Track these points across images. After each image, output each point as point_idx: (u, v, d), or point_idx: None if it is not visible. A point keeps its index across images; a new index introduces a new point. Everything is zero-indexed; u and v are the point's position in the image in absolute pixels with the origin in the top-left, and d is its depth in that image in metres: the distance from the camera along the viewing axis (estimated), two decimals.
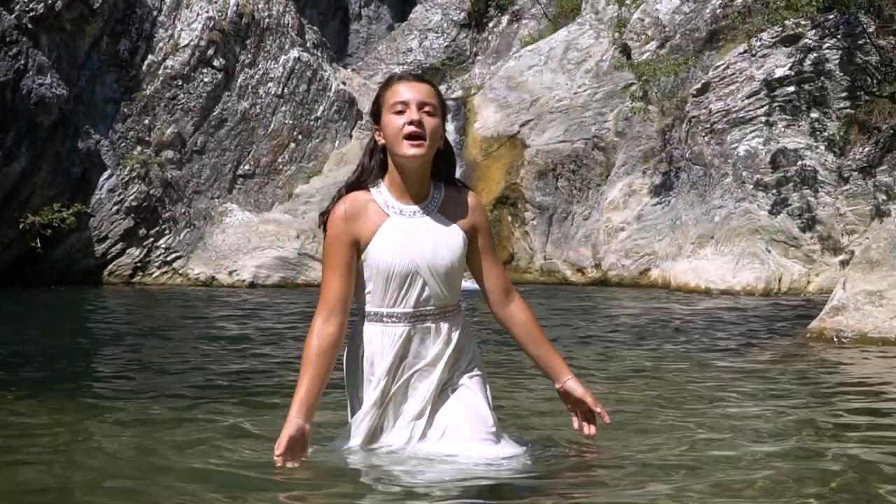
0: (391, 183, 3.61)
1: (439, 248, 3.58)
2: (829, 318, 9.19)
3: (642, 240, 17.70)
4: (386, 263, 3.54)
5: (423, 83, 3.64)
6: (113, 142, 18.22)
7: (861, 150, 15.98)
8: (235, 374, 7.67)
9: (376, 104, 3.66)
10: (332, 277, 3.54)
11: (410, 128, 3.50)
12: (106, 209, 18.06)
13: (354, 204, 3.57)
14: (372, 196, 3.59)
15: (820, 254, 15.91)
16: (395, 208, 3.59)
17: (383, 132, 3.59)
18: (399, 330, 3.59)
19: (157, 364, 8.21)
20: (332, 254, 3.55)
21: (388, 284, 3.55)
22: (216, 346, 9.51)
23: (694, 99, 17.32)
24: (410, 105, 3.53)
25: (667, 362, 8.34)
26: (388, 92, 3.61)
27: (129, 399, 6.36)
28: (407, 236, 3.56)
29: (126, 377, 7.54)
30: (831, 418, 5.99)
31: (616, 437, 5.08)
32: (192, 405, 6.12)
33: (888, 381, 7.38)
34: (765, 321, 11.62)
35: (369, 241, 3.55)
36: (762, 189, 16.34)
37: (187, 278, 18.24)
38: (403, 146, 3.51)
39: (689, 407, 6.36)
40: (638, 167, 18.46)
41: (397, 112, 3.53)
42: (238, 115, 19.27)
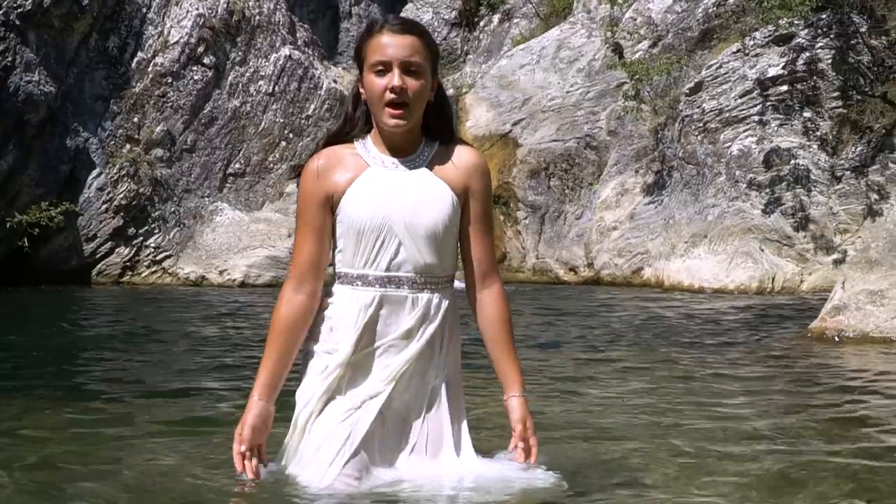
0: (375, 136, 3.28)
1: (421, 206, 3.16)
2: (830, 317, 9.16)
3: (635, 239, 17.65)
4: (357, 217, 3.17)
5: (409, 35, 3.19)
6: (102, 140, 18.06)
7: (853, 149, 15.98)
8: (223, 377, 7.59)
9: (357, 57, 3.30)
10: (302, 240, 3.23)
11: (391, 95, 3.14)
12: (94, 208, 17.91)
13: (330, 157, 3.24)
14: (354, 148, 3.27)
15: (813, 253, 15.89)
16: (378, 159, 3.23)
17: (364, 89, 3.26)
18: (369, 295, 3.17)
19: (140, 368, 8.12)
20: (304, 214, 3.22)
21: (359, 242, 3.17)
22: (204, 348, 9.41)
23: (687, 98, 17.29)
24: (393, 66, 3.14)
25: (663, 364, 8.29)
26: (368, 45, 3.21)
27: (110, 401, 6.27)
28: (385, 189, 3.17)
29: (109, 380, 7.44)
30: (833, 418, 5.95)
31: (609, 439, 5.02)
32: (172, 412, 6.03)
33: (890, 382, 7.34)
34: (763, 321, 11.58)
35: (343, 193, 3.21)
36: (755, 188, 16.31)
37: (177, 278, 18.10)
38: (384, 115, 3.18)
39: (690, 410, 6.30)
40: (630, 166, 18.42)
41: (378, 72, 3.16)
42: (228, 114, 19.14)
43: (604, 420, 5.75)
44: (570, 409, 6.17)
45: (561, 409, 6.12)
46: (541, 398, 6.74)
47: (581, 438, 4.93)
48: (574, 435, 4.95)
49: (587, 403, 6.45)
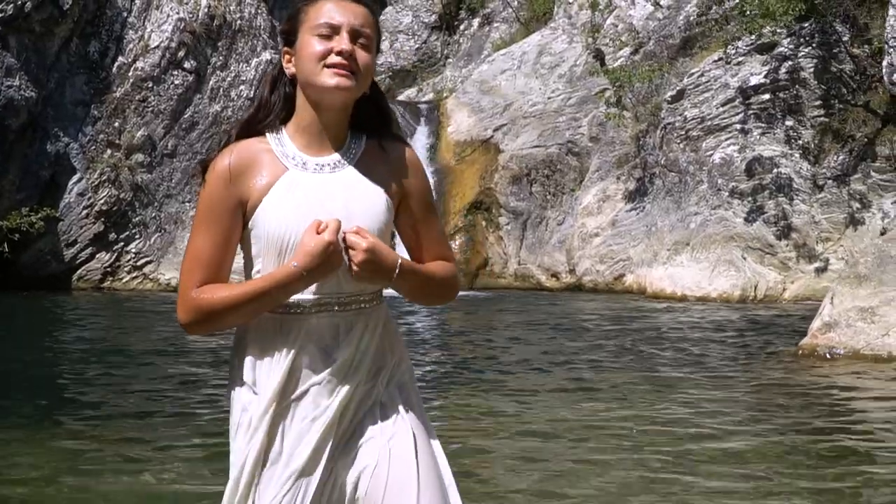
0: (296, 129, 2.63)
1: (352, 214, 2.59)
2: (821, 334, 9.23)
3: (617, 245, 17.72)
4: (279, 231, 2.55)
5: (360, 4, 2.67)
6: (83, 145, 17.94)
7: (835, 158, 16.10)
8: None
9: (291, 22, 2.65)
10: (204, 241, 2.57)
11: (337, 58, 2.56)
12: (75, 213, 17.79)
13: (243, 155, 2.58)
14: (268, 144, 2.62)
15: (795, 261, 16.00)
16: (298, 160, 2.61)
17: (297, 58, 2.60)
18: (297, 322, 2.58)
19: (118, 383, 8.07)
20: (208, 217, 2.56)
21: (281, 259, 2.55)
22: (177, 365, 9.37)
23: (669, 106, 17.36)
24: (341, 30, 2.59)
25: (654, 385, 8.31)
26: (311, 8, 2.62)
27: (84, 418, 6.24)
28: (308, 196, 2.59)
29: (84, 394, 7.40)
30: (824, 438, 6.00)
31: (597, 458, 5.05)
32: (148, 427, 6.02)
33: (881, 401, 7.41)
34: (752, 335, 11.65)
35: (259, 202, 2.57)
36: (737, 196, 16.41)
37: (158, 283, 18.02)
38: (323, 74, 2.55)
39: (683, 431, 6.34)
40: (612, 172, 18.48)
41: (321, 35, 2.58)
42: (209, 118, 19.05)
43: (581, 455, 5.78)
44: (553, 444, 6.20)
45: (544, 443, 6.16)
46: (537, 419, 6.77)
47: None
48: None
49: (571, 433, 6.48)
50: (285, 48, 2.64)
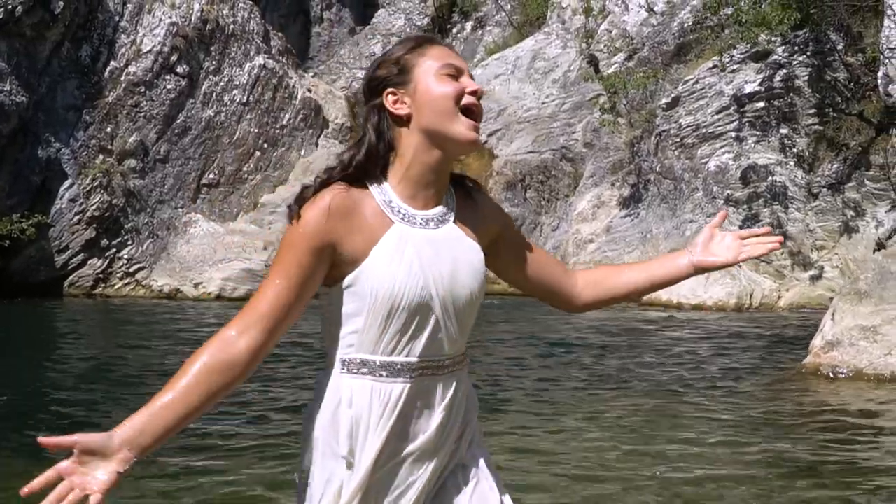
0: (401, 178, 2.47)
1: (459, 272, 2.49)
2: (824, 353, 9.23)
3: (612, 252, 17.71)
4: (391, 292, 2.41)
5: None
6: (74, 150, 17.83)
7: (830, 166, 16.12)
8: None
9: (399, 63, 2.47)
10: (272, 285, 2.39)
11: (471, 98, 2.43)
12: (66, 219, 17.69)
13: (345, 197, 2.41)
14: (370, 192, 2.45)
15: (790, 269, 16.02)
16: (404, 213, 2.46)
17: (418, 97, 2.44)
18: (397, 388, 2.45)
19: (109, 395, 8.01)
20: (290, 255, 2.39)
21: (388, 322, 2.43)
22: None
23: (664, 113, 17.35)
24: (464, 73, 2.47)
25: (654, 404, 8.31)
26: (425, 52, 2.48)
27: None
28: (420, 255, 2.44)
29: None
30: (833, 462, 6.00)
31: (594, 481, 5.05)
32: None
33: (883, 424, 7.41)
34: (753, 348, 11.64)
35: (364, 255, 2.42)
36: (733, 204, 16.41)
37: (150, 290, 17.93)
38: (459, 123, 2.41)
39: (685, 452, 6.33)
40: (607, 179, 18.47)
41: (449, 75, 2.44)
42: (202, 123, 18.96)
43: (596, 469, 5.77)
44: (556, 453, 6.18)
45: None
46: (530, 435, 6.75)
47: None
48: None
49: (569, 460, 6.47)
50: (391, 88, 2.47)
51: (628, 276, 2.76)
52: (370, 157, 2.45)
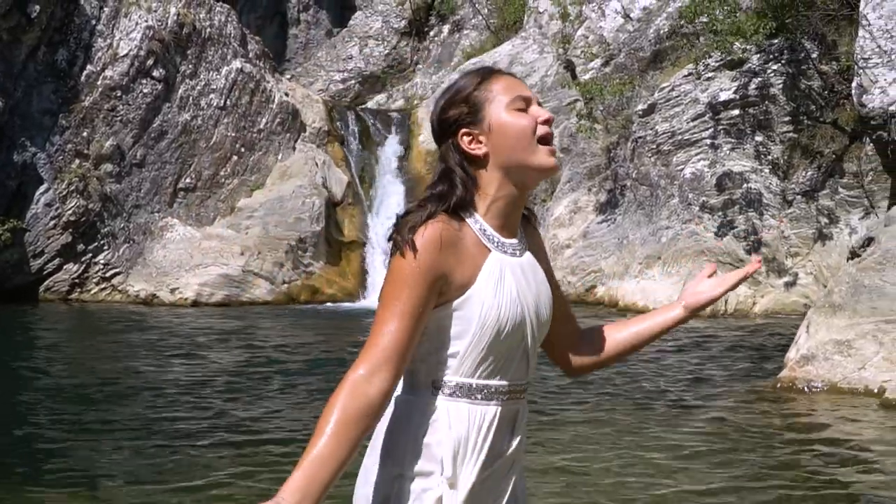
0: (486, 210, 2.54)
1: (540, 298, 2.61)
2: (800, 367, 9.33)
3: (588, 257, 17.81)
4: (497, 317, 2.50)
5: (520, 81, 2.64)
6: (50, 155, 17.77)
7: (804, 174, 16.26)
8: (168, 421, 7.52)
9: (468, 102, 2.53)
10: (395, 319, 2.44)
11: (546, 127, 2.51)
12: (42, 224, 17.63)
13: (450, 229, 2.49)
14: (466, 222, 2.53)
15: (765, 276, 16.15)
16: (495, 241, 2.54)
17: (495, 136, 2.51)
18: (490, 411, 2.54)
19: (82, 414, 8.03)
20: (408, 289, 2.44)
21: (492, 346, 2.52)
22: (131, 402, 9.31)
23: (640, 119, 17.45)
24: (532, 102, 2.54)
25: (628, 422, 8.37)
26: (493, 86, 2.54)
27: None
28: (517, 281, 2.55)
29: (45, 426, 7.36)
30: (805, 480, 6.10)
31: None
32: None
33: (857, 441, 7.51)
34: (728, 358, 11.75)
35: (470, 283, 2.50)
36: (708, 211, 16.54)
37: (127, 295, 17.89)
38: (539, 153, 2.51)
39: (661, 466, 6.41)
40: (583, 184, 18.56)
41: (519, 109, 2.51)
42: (179, 128, 18.92)
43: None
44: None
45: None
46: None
47: None
48: None
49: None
50: (464, 129, 2.51)
51: (628, 329, 2.80)
52: (467, 190, 2.51)
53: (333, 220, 19.06)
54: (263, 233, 18.35)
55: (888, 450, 7.40)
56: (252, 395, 9.46)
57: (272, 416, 8.52)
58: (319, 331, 15.14)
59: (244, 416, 8.50)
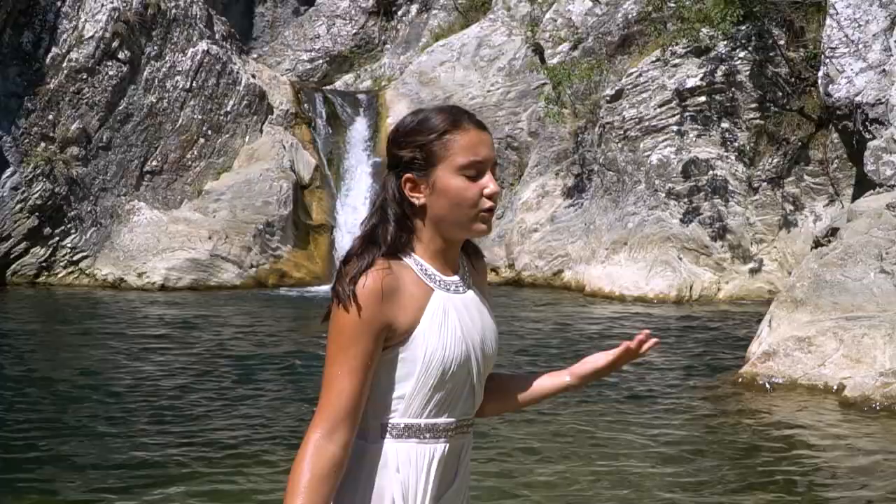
0: (424, 251, 2.57)
1: (486, 334, 2.63)
2: (761, 362, 9.48)
3: (556, 242, 17.90)
4: (442, 357, 2.52)
5: (488, 132, 2.61)
6: (16, 138, 17.62)
7: (770, 160, 16.40)
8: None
9: (421, 151, 2.51)
10: (344, 378, 2.45)
11: (489, 202, 2.52)
12: (8, 207, 17.50)
13: (391, 274, 2.49)
14: (406, 263, 2.55)
15: (730, 262, 16.32)
16: (437, 280, 2.57)
17: (435, 196, 2.52)
18: (439, 448, 2.57)
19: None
20: (354, 344, 2.45)
21: (438, 386, 2.54)
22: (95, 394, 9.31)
23: (608, 105, 17.52)
24: (486, 169, 2.53)
25: (588, 414, 8.48)
26: (452, 143, 2.52)
27: None
28: (461, 319, 2.57)
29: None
30: (758, 474, 6.23)
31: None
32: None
33: (810, 438, 7.66)
34: (691, 347, 11.90)
35: (414, 324, 2.51)
36: (674, 198, 16.65)
37: (94, 279, 17.81)
38: (476, 222, 2.54)
39: (615, 464, 6.53)
40: (551, 168, 18.63)
41: (469, 177, 2.52)
42: (144, 110, 18.80)
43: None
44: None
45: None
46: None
47: None
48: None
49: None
50: (410, 175, 2.51)
51: (521, 388, 2.83)
52: (402, 228, 2.53)
53: (301, 203, 19.03)
54: (231, 216, 18.31)
55: (840, 447, 7.56)
56: (223, 385, 9.50)
57: (244, 406, 8.56)
58: (288, 317, 15.18)
59: (216, 408, 8.54)
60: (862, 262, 10.05)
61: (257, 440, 7.59)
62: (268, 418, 8.35)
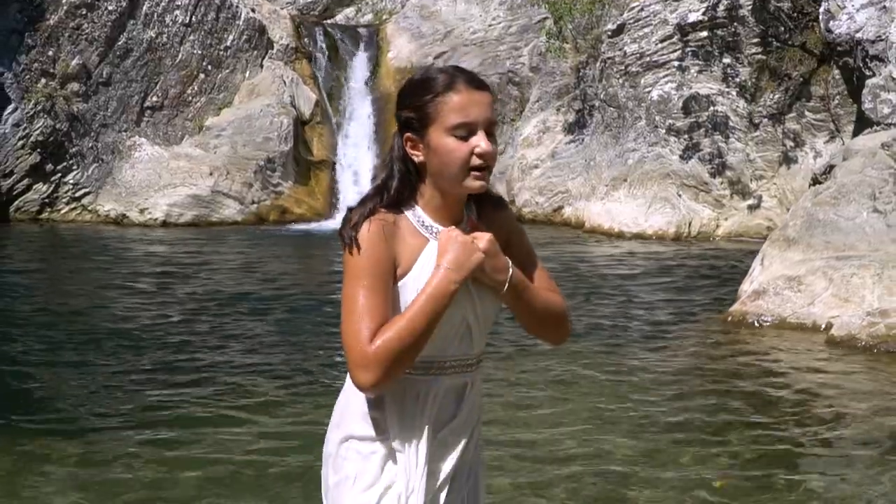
0: (426, 205, 2.76)
1: (481, 280, 2.77)
2: (751, 301, 9.55)
3: (556, 178, 17.90)
4: None
5: (486, 91, 2.73)
6: (17, 74, 17.61)
7: (771, 96, 16.32)
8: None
9: (417, 112, 2.69)
10: (369, 298, 2.64)
11: (480, 161, 2.67)
12: (10, 144, 17.54)
13: (389, 221, 2.71)
14: (405, 216, 2.75)
15: (729, 198, 16.32)
16: (433, 231, 2.75)
17: (430, 154, 2.70)
18: (431, 382, 2.77)
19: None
20: (371, 276, 2.65)
21: None
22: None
23: (609, 39, 17.40)
24: (478, 128, 2.67)
25: (580, 347, 8.57)
26: (444, 104, 2.67)
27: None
28: None
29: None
30: (735, 411, 6.35)
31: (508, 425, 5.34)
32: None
33: (799, 372, 7.76)
34: (684, 285, 11.97)
35: (407, 270, 2.71)
36: (674, 134, 16.61)
37: (97, 215, 17.92)
38: (467, 179, 2.67)
39: (598, 397, 6.65)
40: (552, 104, 18.56)
41: (459, 137, 2.67)
42: (144, 45, 18.74)
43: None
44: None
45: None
46: None
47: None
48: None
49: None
50: (409, 134, 2.70)
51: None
52: (404, 184, 2.73)
53: (302, 139, 19.02)
54: (232, 152, 18.33)
55: (821, 385, 7.65)
56: (230, 323, 9.60)
57: (252, 344, 8.68)
58: (290, 254, 15.30)
59: (221, 346, 8.65)
60: (855, 202, 10.06)
61: (260, 376, 7.71)
62: (270, 353, 8.47)
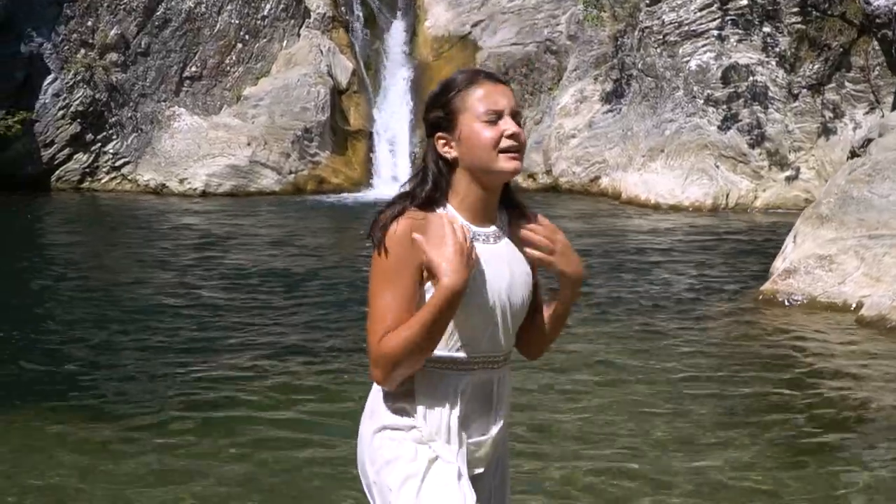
0: (460, 204, 2.88)
1: (515, 283, 2.92)
2: (782, 280, 9.51)
3: (593, 148, 17.83)
4: (463, 302, 2.79)
5: (505, 84, 2.91)
6: (56, 45, 17.79)
7: (811, 67, 16.14)
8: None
9: (445, 109, 2.85)
10: (389, 299, 2.78)
11: (510, 141, 2.82)
12: (51, 114, 17.76)
13: (419, 224, 2.80)
14: (438, 212, 2.86)
15: (767, 170, 16.19)
16: (468, 230, 2.86)
17: (462, 144, 2.84)
18: (461, 378, 2.88)
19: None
20: (391, 275, 2.78)
21: (457, 326, 2.84)
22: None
23: (647, 8, 17.25)
24: (504, 114, 2.83)
25: (609, 323, 8.59)
26: (469, 95, 2.84)
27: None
28: (486, 264, 2.86)
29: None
30: (765, 391, 6.37)
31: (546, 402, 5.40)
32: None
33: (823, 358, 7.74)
34: (719, 260, 11.95)
35: None
36: (713, 104, 16.47)
37: (137, 185, 18.11)
38: (500, 161, 2.81)
39: (629, 376, 6.70)
40: (590, 73, 18.45)
41: (488, 122, 2.83)
42: (182, 15, 18.83)
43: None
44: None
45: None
46: None
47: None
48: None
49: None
50: (440, 133, 2.85)
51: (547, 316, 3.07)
52: (437, 187, 2.85)
53: (339, 108, 19.06)
54: (269, 122, 18.42)
55: (846, 365, 7.64)
56: (267, 299, 9.71)
57: (288, 322, 8.78)
58: (328, 226, 15.41)
59: (258, 325, 8.75)
60: (889, 179, 9.95)
61: (295, 355, 7.79)
62: (305, 333, 8.56)
